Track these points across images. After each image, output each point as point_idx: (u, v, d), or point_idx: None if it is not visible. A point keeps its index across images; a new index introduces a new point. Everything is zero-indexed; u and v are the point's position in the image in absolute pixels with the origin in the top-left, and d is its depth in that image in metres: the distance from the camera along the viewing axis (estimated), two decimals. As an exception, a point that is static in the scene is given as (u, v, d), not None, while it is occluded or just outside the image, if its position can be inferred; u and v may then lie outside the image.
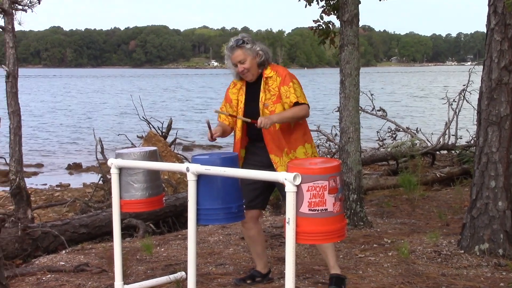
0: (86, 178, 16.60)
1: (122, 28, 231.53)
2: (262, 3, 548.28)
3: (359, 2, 7.20)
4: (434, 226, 7.30)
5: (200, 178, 4.31)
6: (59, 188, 15.21)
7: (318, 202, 3.59)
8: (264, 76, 4.91)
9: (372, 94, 14.38)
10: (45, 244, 7.30)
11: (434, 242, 6.26)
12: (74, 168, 18.75)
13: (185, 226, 8.68)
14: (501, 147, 5.67)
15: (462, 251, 5.87)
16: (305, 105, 4.82)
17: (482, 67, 5.89)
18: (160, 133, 13.47)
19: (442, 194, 9.71)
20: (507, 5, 5.45)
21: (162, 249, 6.62)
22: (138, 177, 4.78)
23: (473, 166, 6.10)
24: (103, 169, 11.01)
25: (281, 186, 3.80)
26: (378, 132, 15.54)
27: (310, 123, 5.60)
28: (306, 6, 8.90)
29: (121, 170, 4.79)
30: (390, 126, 15.07)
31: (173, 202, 9.02)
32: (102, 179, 11.17)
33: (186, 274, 4.64)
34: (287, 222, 3.59)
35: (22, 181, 8.76)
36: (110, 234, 7.72)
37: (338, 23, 7.69)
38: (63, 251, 6.79)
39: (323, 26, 8.75)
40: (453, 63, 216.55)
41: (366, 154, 13.09)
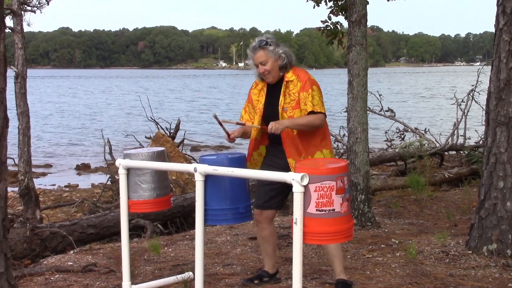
0: (95, 179, 16.65)
1: (131, 29, 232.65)
2: (271, 4, 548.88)
3: (367, 3, 7.19)
4: (442, 226, 7.28)
5: (207, 178, 4.32)
6: (68, 188, 15.25)
7: (326, 203, 3.59)
8: (285, 79, 4.85)
9: (380, 95, 14.36)
10: (53, 244, 7.33)
11: (442, 242, 6.25)
12: (83, 168, 18.80)
13: (192, 226, 8.68)
14: (509, 148, 5.65)
15: (470, 252, 5.86)
16: (321, 114, 4.76)
17: (490, 67, 5.88)
18: (168, 133, 13.49)
19: (450, 195, 9.68)
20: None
21: (170, 249, 6.62)
22: (146, 177, 4.79)
23: (481, 167, 6.08)
24: (112, 169, 11.04)
25: None
26: (386, 132, 15.53)
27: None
28: (314, 7, 8.93)
29: (129, 170, 4.80)
30: (398, 127, 15.06)
31: (181, 202, 9.03)
32: (110, 180, 11.20)
33: (194, 274, 4.64)
34: (295, 223, 3.59)
35: (31, 181, 8.80)
36: (118, 235, 7.72)
37: (346, 24, 7.68)
38: (71, 251, 6.81)
39: (331, 26, 8.76)
40: (462, 64, 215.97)
41: (374, 154, 13.07)
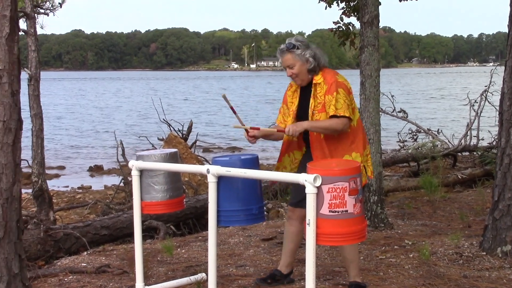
0: (107, 180, 16.71)
1: (143, 31, 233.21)
2: (282, 5, 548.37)
3: (380, 3, 7.18)
4: (456, 227, 7.25)
5: (220, 179, 4.33)
6: (81, 190, 15.30)
7: (339, 204, 3.59)
8: (313, 82, 4.79)
9: (392, 96, 14.33)
10: (67, 245, 7.36)
11: (456, 243, 6.22)
12: (96, 170, 18.86)
13: (205, 227, 8.70)
14: (523, 148, 5.62)
15: (484, 253, 5.83)
16: (344, 118, 4.63)
17: (504, 68, 5.84)
18: (180, 135, 13.51)
19: (463, 196, 9.64)
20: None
21: (183, 250, 6.63)
22: (159, 179, 4.80)
23: (495, 168, 6.05)
24: (124, 171, 11.07)
25: None
26: (398, 133, 15.48)
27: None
28: (326, 8, 8.94)
29: (142, 172, 4.81)
30: (411, 128, 15.01)
31: (193, 204, 9.04)
32: (123, 181, 11.23)
33: (207, 275, 4.65)
34: (308, 224, 3.59)
35: (44, 183, 8.84)
36: (131, 236, 7.75)
37: (358, 25, 7.67)
38: (85, 253, 6.83)
39: (343, 27, 8.76)
40: (474, 64, 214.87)
41: (387, 155, 13.03)
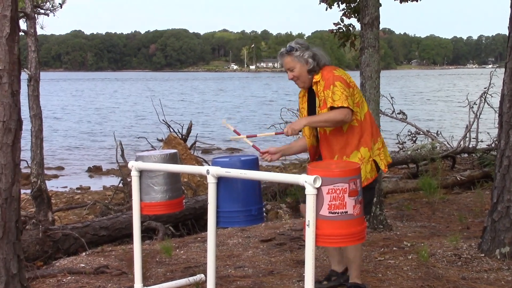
0: (106, 181, 16.71)
1: (143, 31, 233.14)
2: (282, 7, 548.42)
3: (380, 5, 7.18)
4: (455, 229, 7.25)
5: (220, 180, 4.33)
6: (80, 190, 15.30)
7: (338, 205, 3.59)
8: (313, 81, 4.77)
9: (392, 97, 14.32)
10: (65, 246, 7.36)
11: (454, 245, 6.22)
12: (94, 171, 18.86)
13: (204, 228, 8.71)
14: (522, 150, 5.62)
15: (483, 255, 5.83)
16: (342, 108, 4.55)
17: (503, 70, 5.84)
18: (180, 136, 13.51)
19: (462, 198, 9.64)
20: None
21: (182, 251, 6.63)
22: (159, 179, 4.80)
23: (494, 169, 6.05)
24: (123, 172, 11.07)
25: None
26: (398, 135, 15.48)
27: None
28: (326, 9, 8.95)
29: (141, 172, 4.81)
30: (410, 129, 15.00)
31: (192, 204, 9.05)
32: (122, 182, 11.23)
33: (206, 276, 4.65)
34: (307, 225, 3.59)
35: (43, 183, 8.83)
36: (129, 237, 7.76)
37: (358, 26, 7.67)
38: (84, 253, 6.83)
39: (344, 29, 8.77)
40: (474, 66, 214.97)
41: (386, 157, 13.00)
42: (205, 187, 10.82)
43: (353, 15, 8.66)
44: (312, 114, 4.82)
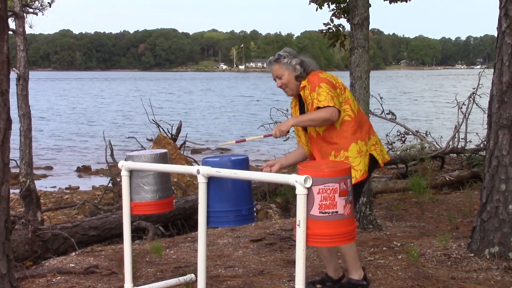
0: (95, 181, 16.68)
1: (132, 31, 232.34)
2: (272, 6, 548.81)
3: (370, 5, 7.20)
4: (444, 229, 7.28)
5: (210, 180, 4.32)
6: (68, 190, 15.25)
7: (329, 205, 3.59)
8: (300, 87, 4.78)
9: (381, 98, 14.36)
10: (55, 246, 7.34)
11: (444, 245, 6.24)
12: (83, 170, 18.81)
13: (194, 228, 8.72)
14: (511, 150, 5.65)
15: (472, 255, 5.85)
16: (328, 107, 4.55)
17: (491, 70, 5.87)
18: (169, 136, 13.49)
19: (451, 198, 9.68)
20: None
21: (172, 251, 6.62)
22: (149, 179, 4.79)
23: (483, 170, 6.08)
24: (113, 171, 11.05)
25: None
26: (387, 135, 15.51)
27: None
28: (317, 9, 8.97)
29: (131, 172, 4.80)
30: (399, 130, 15.04)
31: (182, 204, 9.04)
32: (111, 182, 11.20)
33: (196, 276, 4.64)
34: (298, 225, 3.59)
35: (32, 183, 8.80)
36: (119, 237, 7.74)
37: (348, 26, 7.70)
38: (73, 253, 6.81)
39: (334, 29, 8.80)
40: (462, 67, 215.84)
41: (375, 157, 13.03)
42: (194, 187, 10.81)
43: (343, 16, 8.69)
44: None
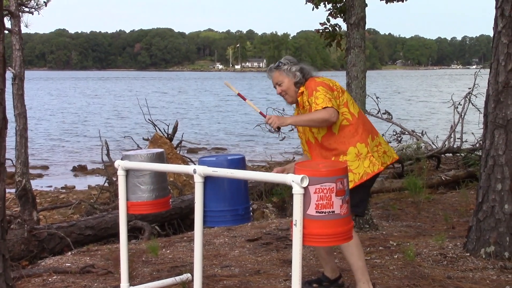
0: (91, 180, 16.66)
1: (128, 31, 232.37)
2: (268, 6, 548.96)
3: (366, 5, 7.21)
4: (440, 229, 7.29)
5: (207, 180, 4.32)
6: (64, 190, 15.24)
7: (326, 204, 3.59)
8: (299, 92, 4.79)
9: (377, 97, 14.36)
10: (51, 245, 7.33)
11: (440, 244, 6.26)
12: (79, 170, 18.79)
13: (190, 228, 8.71)
14: (507, 150, 5.66)
15: (468, 254, 5.86)
16: (327, 108, 4.52)
17: (487, 70, 5.88)
18: (165, 135, 13.49)
19: (447, 197, 9.69)
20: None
21: (168, 251, 6.62)
22: (145, 179, 4.78)
23: (479, 169, 6.09)
24: (109, 171, 11.04)
25: None
26: (383, 135, 15.50)
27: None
28: (313, 9, 8.97)
29: (128, 171, 4.80)
30: (395, 129, 15.05)
31: (178, 204, 9.04)
32: (107, 181, 11.19)
33: (192, 275, 4.64)
34: (294, 224, 3.59)
35: (28, 183, 8.79)
36: (115, 236, 7.74)
37: (344, 26, 7.71)
38: (69, 253, 6.80)
39: (330, 29, 8.80)
40: (458, 67, 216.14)
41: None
42: (191, 187, 10.81)
43: (339, 15, 8.69)
44: (309, 131, 4.83)
